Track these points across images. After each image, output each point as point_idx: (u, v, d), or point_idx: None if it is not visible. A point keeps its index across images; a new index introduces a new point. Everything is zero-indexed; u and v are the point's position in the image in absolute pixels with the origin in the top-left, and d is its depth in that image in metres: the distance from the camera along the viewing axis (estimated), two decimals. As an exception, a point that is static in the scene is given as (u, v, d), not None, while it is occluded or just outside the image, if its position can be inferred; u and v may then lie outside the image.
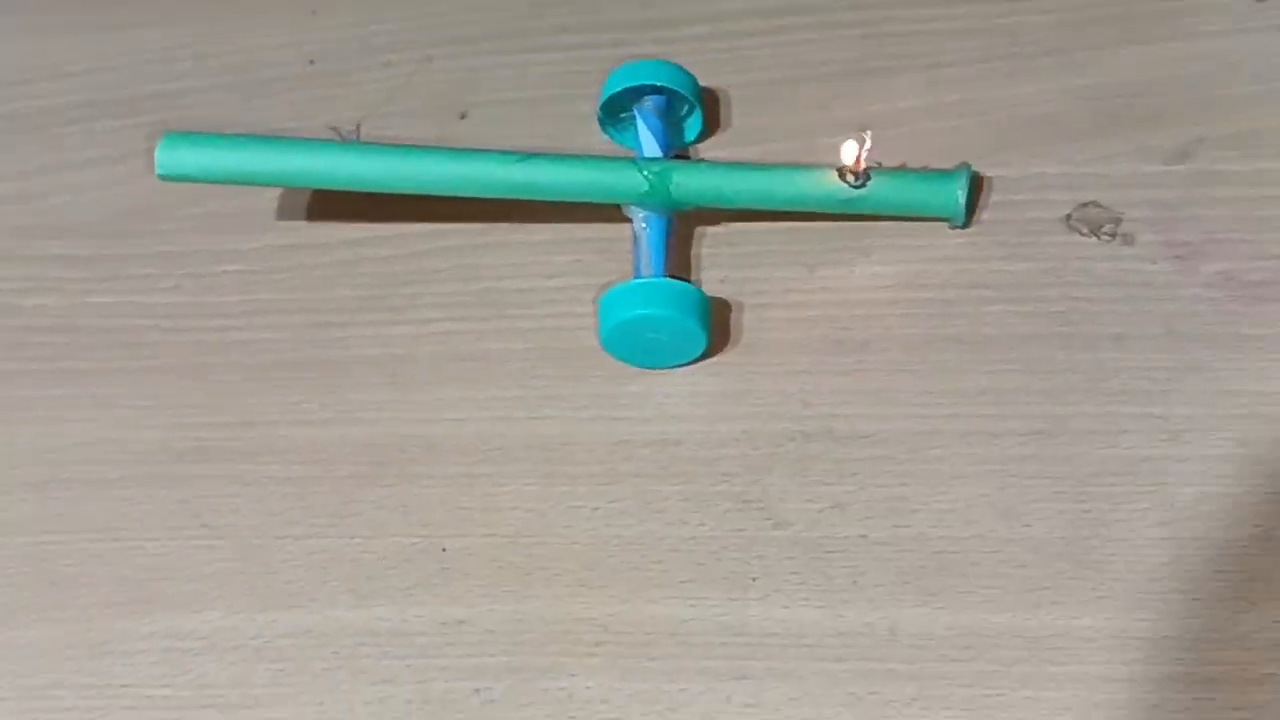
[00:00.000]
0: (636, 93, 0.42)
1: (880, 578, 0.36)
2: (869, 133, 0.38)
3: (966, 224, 0.41)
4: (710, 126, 0.44)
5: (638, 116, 0.42)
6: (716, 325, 0.39)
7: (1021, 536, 0.36)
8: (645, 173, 0.39)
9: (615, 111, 0.43)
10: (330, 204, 0.44)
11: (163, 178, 0.39)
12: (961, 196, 0.40)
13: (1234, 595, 0.35)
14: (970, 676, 0.34)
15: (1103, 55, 0.44)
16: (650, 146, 0.42)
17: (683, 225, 0.42)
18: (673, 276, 0.39)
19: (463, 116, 0.46)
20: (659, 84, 0.42)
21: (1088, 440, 0.37)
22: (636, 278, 0.39)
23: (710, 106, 0.44)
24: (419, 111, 0.46)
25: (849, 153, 0.39)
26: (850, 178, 0.39)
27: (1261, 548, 0.35)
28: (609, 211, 0.41)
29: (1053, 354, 0.39)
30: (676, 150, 0.43)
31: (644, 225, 0.40)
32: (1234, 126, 0.42)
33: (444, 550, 0.38)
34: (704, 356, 0.39)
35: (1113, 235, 0.41)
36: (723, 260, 0.42)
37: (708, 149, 0.44)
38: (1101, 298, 0.39)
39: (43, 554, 0.39)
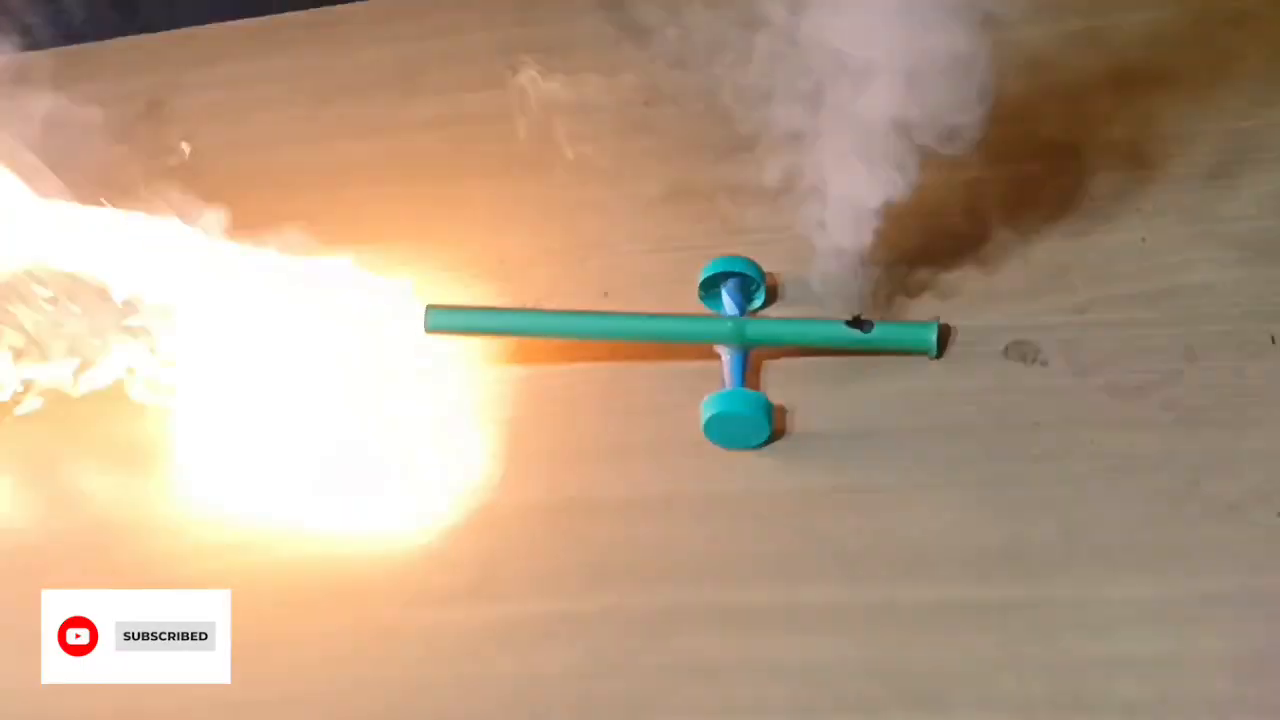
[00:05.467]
0: (723, 275, 0.66)
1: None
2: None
3: (939, 355, 0.63)
4: (770, 297, 0.67)
5: (723, 291, 0.66)
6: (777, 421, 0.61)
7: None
8: (731, 324, 0.62)
9: (709, 287, 0.66)
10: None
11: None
12: (931, 336, 0.62)
13: None
14: None
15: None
16: (732, 309, 0.65)
17: (754, 358, 0.64)
18: (748, 389, 0.61)
19: (605, 295, 0.69)
20: (737, 271, 0.66)
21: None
22: (724, 390, 0.61)
23: (770, 285, 0.67)
24: (574, 293, 0.69)
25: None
26: (861, 327, 0.62)
27: None
28: (706, 350, 0.64)
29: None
30: (749, 312, 0.66)
31: (729, 357, 0.63)
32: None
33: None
34: (768, 441, 0.61)
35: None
36: (778, 379, 0.64)
37: (769, 312, 0.67)
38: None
39: None
